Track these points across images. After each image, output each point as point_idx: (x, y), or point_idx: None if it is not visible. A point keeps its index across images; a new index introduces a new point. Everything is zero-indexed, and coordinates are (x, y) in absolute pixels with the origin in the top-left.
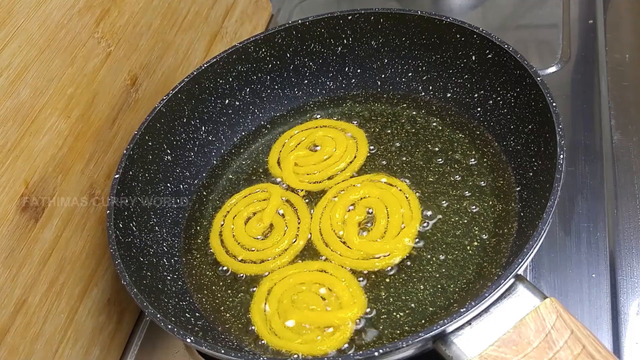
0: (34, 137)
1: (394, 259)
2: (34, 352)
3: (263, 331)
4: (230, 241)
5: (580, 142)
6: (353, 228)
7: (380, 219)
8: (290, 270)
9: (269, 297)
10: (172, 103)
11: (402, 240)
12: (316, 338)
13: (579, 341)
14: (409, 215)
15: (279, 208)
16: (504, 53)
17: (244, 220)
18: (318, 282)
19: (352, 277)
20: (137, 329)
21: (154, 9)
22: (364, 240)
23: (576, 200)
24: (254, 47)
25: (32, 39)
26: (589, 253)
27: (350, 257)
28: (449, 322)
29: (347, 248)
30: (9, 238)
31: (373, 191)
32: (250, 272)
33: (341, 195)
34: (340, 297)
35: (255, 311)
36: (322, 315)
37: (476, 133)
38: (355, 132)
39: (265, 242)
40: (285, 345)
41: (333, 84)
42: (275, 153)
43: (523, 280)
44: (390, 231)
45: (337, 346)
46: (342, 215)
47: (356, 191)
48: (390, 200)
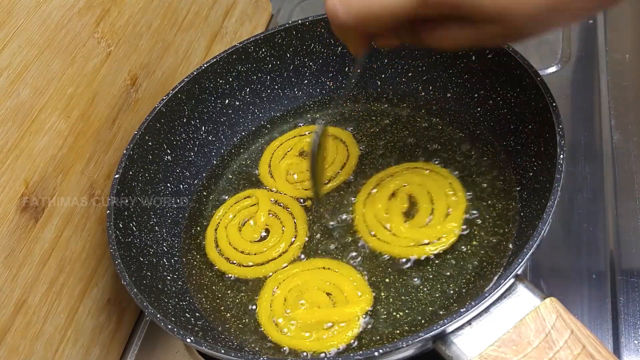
0: (34, 137)
1: (444, 244)
2: (34, 352)
3: (272, 332)
4: (229, 249)
5: (580, 142)
6: (398, 216)
7: (424, 205)
8: (294, 269)
9: (274, 297)
10: (172, 103)
11: (450, 224)
12: (323, 336)
13: (579, 341)
14: (453, 200)
15: (270, 210)
16: (504, 53)
17: (237, 228)
18: (322, 279)
19: (355, 272)
20: (137, 329)
21: (154, 9)
22: (411, 227)
23: (576, 200)
24: (254, 47)
25: (32, 39)
26: (589, 253)
27: (399, 245)
28: (449, 322)
29: (394, 236)
30: (9, 238)
31: (414, 178)
32: (256, 275)
33: (381, 186)
34: (346, 292)
35: (263, 312)
36: (330, 311)
37: (476, 133)
38: (341, 134)
39: (265, 243)
40: (296, 343)
41: (333, 84)
42: (264, 164)
43: (523, 280)
44: (437, 216)
45: (346, 341)
46: (385, 204)
47: (395, 180)
48: (432, 186)
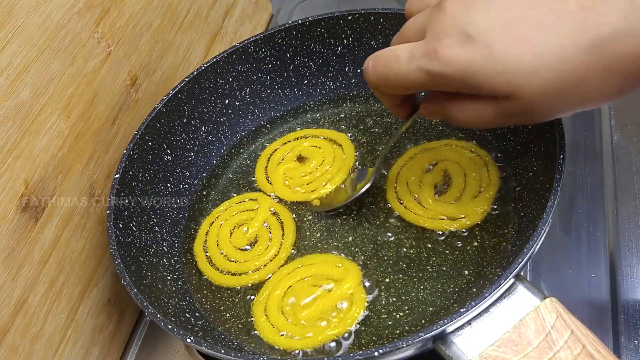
0: (34, 137)
1: (469, 222)
2: (34, 352)
3: (284, 344)
4: (214, 249)
5: (580, 142)
6: (429, 189)
7: (458, 181)
8: (274, 280)
9: (270, 315)
10: (172, 103)
11: (479, 204)
12: (333, 319)
13: (579, 341)
14: (487, 180)
15: (266, 221)
16: None
17: (229, 229)
18: (305, 276)
19: (330, 255)
20: (137, 329)
21: (154, 9)
22: (439, 201)
23: (576, 200)
24: (254, 47)
25: (32, 39)
26: (589, 253)
27: (424, 216)
28: (449, 322)
29: (421, 207)
30: (9, 238)
31: (451, 155)
32: (227, 284)
33: (418, 157)
34: (331, 275)
35: (262, 327)
36: (329, 297)
37: (476, 133)
38: (337, 137)
39: (247, 254)
40: (311, 341)
41: (333, 84)
42: (261, 169)
43: (523, 280)
44: (467, 194)
45: (355, 319)
46: (419, 176)
47: (433, 154)
48: (468, 165)
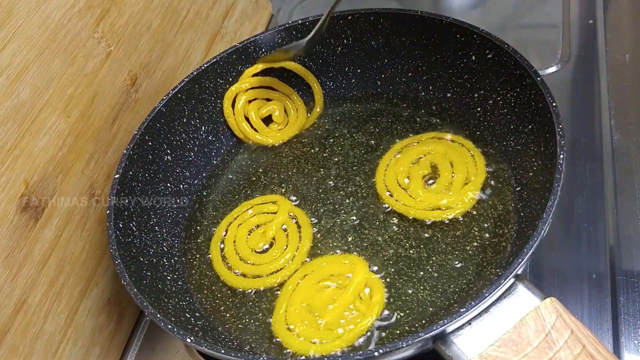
0: (34, 137)
1: (459, 210)
2: (34, 352)
3: (296, 346)
4: (230, 250)
5: (580, 142)
6: (418, 180)
7: (445, 173)
8: (285, 295)
9: (291, 325)
10: (172, 103)
11: (467, 193)
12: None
13: (579, 341)
14: (473, 170)
15: (284, 224)
16: (503, 53)
17: (247, 230)
18: (315, 281)
19: (334, 256)
20: (137, 329)
21: (154, 9)
22: (429, 192)
23: (576, 200)
24: (254, 47)
25: (32, 39)
26: (589, 253)
27: (415, 207)
28: (449, 322)
29: (411, 198)
30: (9, 238)
31: (437, 147)
32: (242, 287)
33: (405, 151)
34: (341, 272)
35: (281, 331)
36: (345, 293)
37: (476, 133)
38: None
39: (263, 257)
40: (328, 346)
41: (333, 84)
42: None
43: (523, 280)
44: (456, 184)
45: (378, 312)
46: (407, 168)
47: (420, 147)
48: (455, 156)
